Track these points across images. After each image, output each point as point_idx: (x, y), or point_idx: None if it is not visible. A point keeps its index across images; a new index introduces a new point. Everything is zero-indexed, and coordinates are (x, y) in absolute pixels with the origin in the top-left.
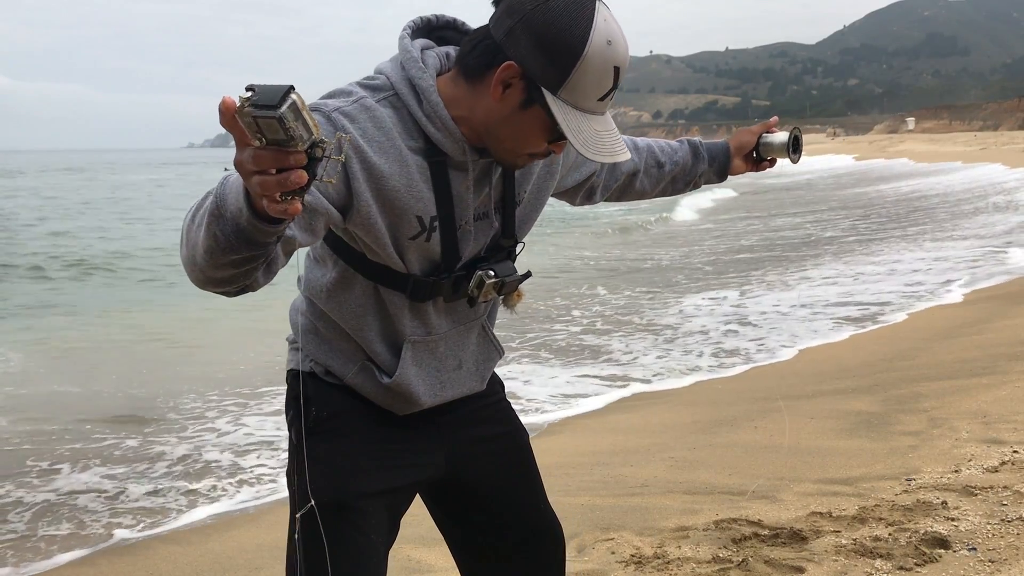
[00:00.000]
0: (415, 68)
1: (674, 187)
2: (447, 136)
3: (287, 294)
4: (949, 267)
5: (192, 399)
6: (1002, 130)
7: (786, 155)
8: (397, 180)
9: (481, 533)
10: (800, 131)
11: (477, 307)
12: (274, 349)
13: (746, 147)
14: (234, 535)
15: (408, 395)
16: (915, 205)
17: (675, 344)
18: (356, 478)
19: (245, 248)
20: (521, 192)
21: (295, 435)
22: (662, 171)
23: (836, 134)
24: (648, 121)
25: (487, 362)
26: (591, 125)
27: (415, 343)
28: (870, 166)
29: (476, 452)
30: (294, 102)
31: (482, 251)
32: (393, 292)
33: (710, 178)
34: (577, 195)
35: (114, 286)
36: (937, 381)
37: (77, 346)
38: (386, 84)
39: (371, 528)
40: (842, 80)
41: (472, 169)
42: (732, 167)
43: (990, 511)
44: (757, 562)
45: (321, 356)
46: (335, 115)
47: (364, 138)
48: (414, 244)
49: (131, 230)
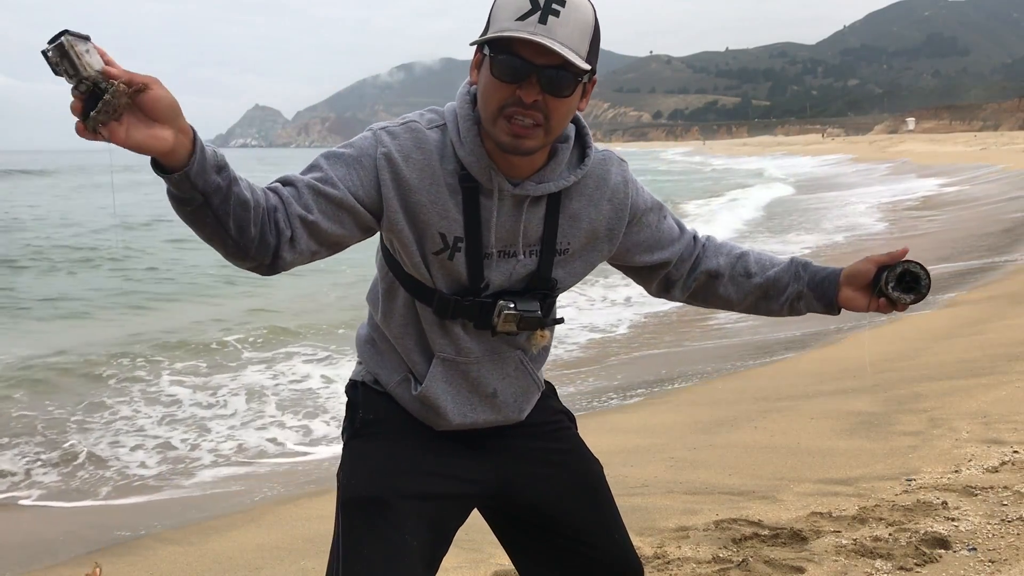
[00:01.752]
0: (460, 100)
1: (767, 305)
2: (475, 160)
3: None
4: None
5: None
6: (1002, 130)
7: (887, 294)
8: (424, 195)
9: (548, 561)
10: (915, 264)
11: (514, 341)
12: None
13: (861, 277)
14: (234, 535)
15: (435, 408)
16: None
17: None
18: (394, 477)
19: (175, 203)
20: (565, 241)
21: (344, 436)
22: (750, 281)
23: (833, 135)
24: (648, 121)
25: (526, 395)
26: (505, 34)
27: (445, 361)
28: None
29: (531, 470)
30: (61, 43)
31: (518, 287)
32: (424, 306)
33: (812, 305)
34: (652, 281)
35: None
36: (937, 381)
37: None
38: (442, 115)
39: (407, 528)
40: (842, 80)
41: (499, 197)
42: (842, 298)
43: (990, 511)
44: (757, 562)
45: (373, 365)
46: (379, 132)
47: (400, 153)
48: (438, 260)
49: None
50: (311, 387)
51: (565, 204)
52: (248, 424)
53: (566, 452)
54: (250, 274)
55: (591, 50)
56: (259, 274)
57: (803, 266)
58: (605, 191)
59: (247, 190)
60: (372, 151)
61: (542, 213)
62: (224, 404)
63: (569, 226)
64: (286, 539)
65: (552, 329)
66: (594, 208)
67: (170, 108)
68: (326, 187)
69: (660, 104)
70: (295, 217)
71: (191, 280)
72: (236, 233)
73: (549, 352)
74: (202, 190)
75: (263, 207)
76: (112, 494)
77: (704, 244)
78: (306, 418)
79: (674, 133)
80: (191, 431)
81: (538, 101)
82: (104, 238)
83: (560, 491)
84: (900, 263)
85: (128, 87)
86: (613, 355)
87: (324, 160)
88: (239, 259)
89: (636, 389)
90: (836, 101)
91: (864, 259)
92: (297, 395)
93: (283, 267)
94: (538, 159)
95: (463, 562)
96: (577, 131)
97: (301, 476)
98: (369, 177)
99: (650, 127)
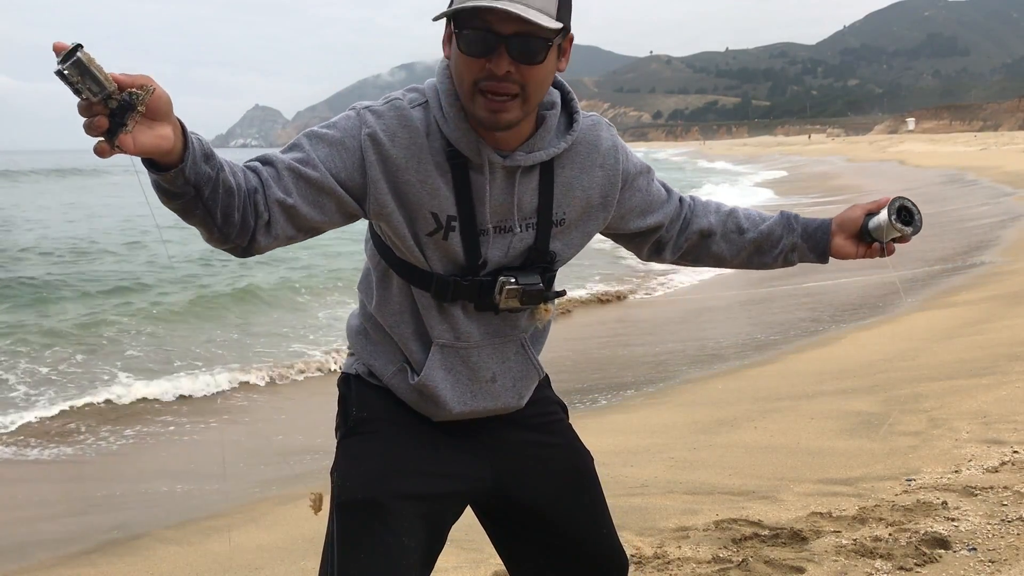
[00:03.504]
0: (440, 76)
1: (761, 259)
2: (461, 135)
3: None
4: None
5: None
6: (1002, 130)
7: (896, 231)
8: (412, 174)
9: (538, 555)
10: (907, 199)
11: (516, 322)
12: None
13: (850, 225)
14: (234, 535)
15: (435, 398)
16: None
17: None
18: (390, 479)
19: (166, 197)
20: (561, 212)
21: (337, 434)
22: (743, 237)
23: (834, 135)
24: (648, 121)
25: (525, 380)
26: (471, 3)
27: (444, 347)
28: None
29: (526, 465)
30: (78, 59)
31: (516, 262)
32: (421, 292)
33: (805, 255)
34: (644, 246)
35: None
36: (937, 381)
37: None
38: (424, 92)
39: (403, 529)
40: (842, 80)
41: (490, 171)
42: (834, 246)
43: (990, 511)
44: (757, 562)
45: (367, 356)
46: (363, 111)
47: (386, 133)
48: (432, 241)
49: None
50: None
51: (558, 172)
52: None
53: (559, 446)
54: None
55: (561, 6)
56: (234, 256)
57: (794, 218)
58: (596, 157)
59: (231, 175)
60: (356, 132)
61: (535, 183)
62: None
63: (563, 195)
64: (286, 539)
65: (554, 304)
66: (587, 175)
67: (169, 105)
68: (307, 169)
69: (660, 104)
70: (273, 201)
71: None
72: (222, 221)
73: (548, 335)
74: (194, 183)
75: (244, 190)
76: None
77: (691, 204)
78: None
79: (674, 133)
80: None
81: (511, 72)
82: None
83: (552, 486)
84: (896, 199)
85: (143, 92)
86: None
87: (306, 140)
88: (220, 243)
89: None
90: (836, 101)
91: (851, 207)
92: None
93: (257, 251)
94: (525, 128)
95: (463, 562)
96: (562, 96)
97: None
98: (353, 159)
99: (650, 127)
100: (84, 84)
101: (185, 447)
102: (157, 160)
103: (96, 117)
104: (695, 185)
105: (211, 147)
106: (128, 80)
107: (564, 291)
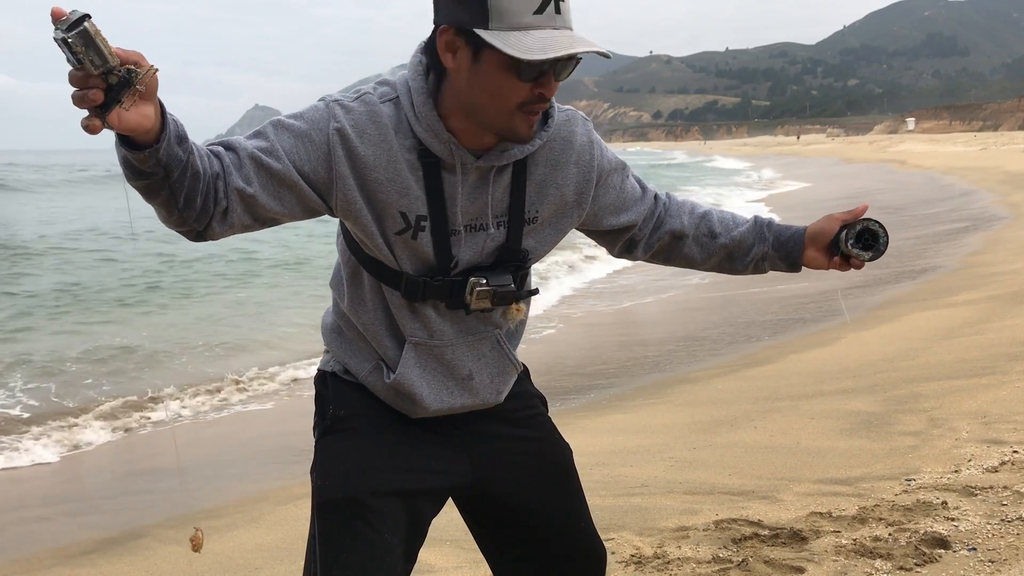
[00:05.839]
0: (412, 71)
1: (732, 265)
2: (433, 136)
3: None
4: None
5: None
6: (1002, 130)
7: (850, 251)
8: (382, 172)
9: (516, 547)
10: (874, 222)
11: (490, 319)
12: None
13: (823, 237)
14: (234, 535)
15: (411, 395)
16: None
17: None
18: (370, 476)
19: (134, 176)
20: (534, 210)
21: (315, 432)
22: (715, 242)
23: (834, 135)
24: (648, 121)
25: (502, 375)
26: (537, 36)
27: (418, 345)
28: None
29: (505, 460)
30: (85, 29)
31: (488, 261)
32: (392, 290)
33: (776, 265)
34: (616, 243)
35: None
36: (937, 381)
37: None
38: (394, 87)
39: (385, 527)
40: (842, 80)
41: (463, 171)
42: (806, 258)
43: (990, 511)
44: (757, 562)
45: (342, 354)
46: (332, 104)
47: (355, 129)
48: (400, 240)
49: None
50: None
51: (531, 170)
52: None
53: (539, 440)
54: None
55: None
56: (188, 239)
57: (767, 226)
58: (571, 153)
59: (199, 159)
60: (324, 125)
61: (507, 181)
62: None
63: (536, 193)
64: (286, 539)
65: (528, 302)
66: (560, 172)
67: (156, 83)
68: (269, 159)
69: (660, 104)
70: (233, 189)
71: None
72: (184, 204)
73: (524, 329)
74: (165, 165)
75: (208, 174)
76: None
77: (666, 203)
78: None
79: (674, 133)
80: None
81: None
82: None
83: (531, 481)
84: (860, 221)
85: (142, 70)
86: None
87: (272, 129)
88: (176, 225)
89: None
90: (836, 101)
91: (826, 217)
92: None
93: (211, 237)
94: None
95: (463, 562)
96: None
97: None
98: (318, 153)
99: (650, 127)
100: (87, 55)
101: (185, 446)
102: (134, 138)
103: (92, 90)
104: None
105: (184, 129)
106: (124, 55)
107: (537, 290)
